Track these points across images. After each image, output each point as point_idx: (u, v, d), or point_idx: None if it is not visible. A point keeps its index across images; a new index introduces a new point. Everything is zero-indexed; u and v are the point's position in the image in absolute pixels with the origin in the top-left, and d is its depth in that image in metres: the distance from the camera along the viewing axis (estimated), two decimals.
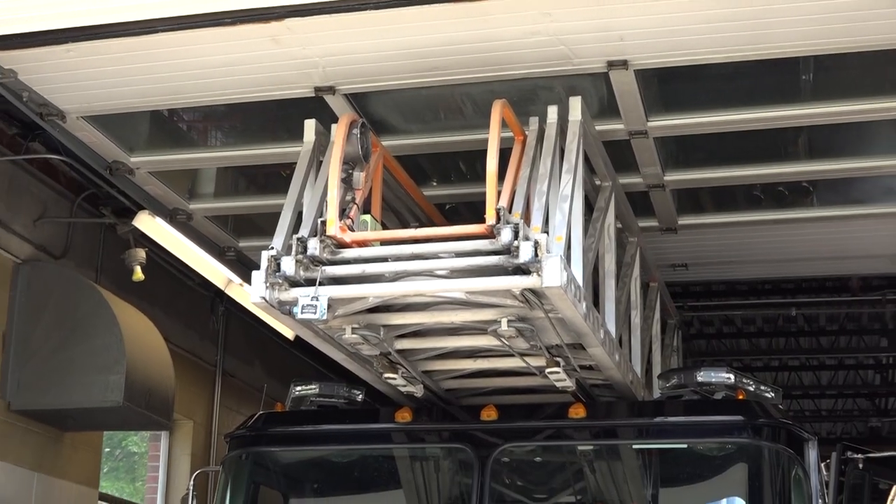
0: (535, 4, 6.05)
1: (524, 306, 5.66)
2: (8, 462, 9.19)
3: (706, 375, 6.88)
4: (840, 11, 6.12)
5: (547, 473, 6.95)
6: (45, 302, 9.26)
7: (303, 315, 5.56)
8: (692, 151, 8.03)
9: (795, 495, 6.46)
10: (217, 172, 8.87)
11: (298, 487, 7.39)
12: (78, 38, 6.37)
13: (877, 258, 9.95)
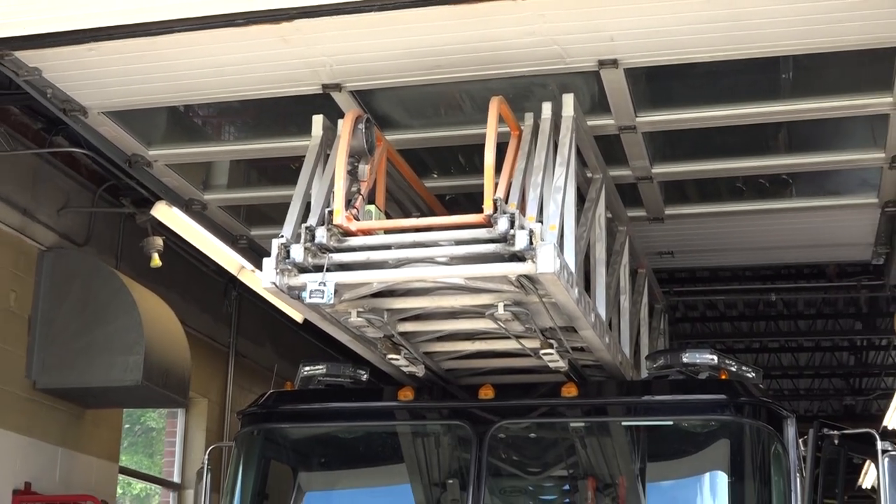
0: (530, 6, 6.04)
1: (520, 291, 5.66)
2: (34, 437, 9.21)
3: (691, 357, 6.90)
4: (817, 14, 6.12)
5: (541, 449, 6.95)
6: (69, 287, 9.28)
7: (311, 299, 5.56)
8: (678, 145, 8.02)
9: (774, 469, 6.47)
10: (230, 165, 8.87)
11: (307, 462, 7.40)
12: (98, 37, 6.36)
13: (852, 246, 9.95)
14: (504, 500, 6.70)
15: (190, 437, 12.26)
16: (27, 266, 9.21)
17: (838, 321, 14.59)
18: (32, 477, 9.12)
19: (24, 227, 9.14)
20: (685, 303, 13.10)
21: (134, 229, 9.94)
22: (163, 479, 12.72)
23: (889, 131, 7.52)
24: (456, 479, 6.71)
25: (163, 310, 9.69)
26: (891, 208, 8.83)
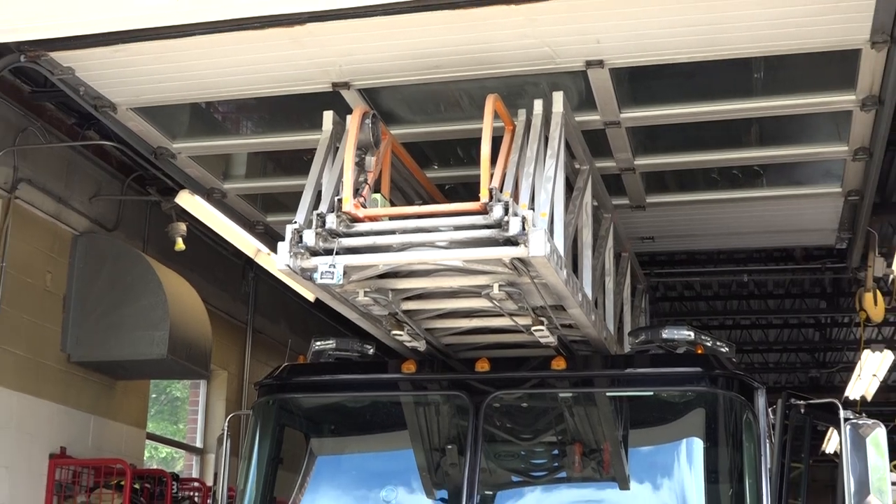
0: (523, 12, 6.03)
1: (513, 273, 5.66)
2: (69, 406, 9.24)
3: (670, 333, 6.89)
4: (786, 18, 6.12)
5: (532, 417, 6.96)
6: (100, 269, 9.31)
7: (322, 280, 5.56)
8: (659, 139, 8.02)
9: (746, 436, 6.48)
10: (248, 157, 8.86)
11: (318, 429, 7.41)
12: (126, 39, 6.35)
13: (817, 232, 9.95)
14: (498, 465, 6.71)
15: (211, 406, 12.31)
16: (62, 249, 9.22)
17: (804, 300, 14.62)
18: (67, 442, 9.15)
19: (59, 214, 9.15)
20: (664, 283, 13.11)
21: (159, 216, 9.95)
22: (186, 444, 12.77)
23: (852, 126, 7.52)
24: (454, 444, 6.72)
25: (186, 289, 9.71)
26: (853, 197, 8.83)
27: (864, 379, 14.86)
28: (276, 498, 7.03)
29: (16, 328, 8.57)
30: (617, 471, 6.64)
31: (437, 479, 6.76)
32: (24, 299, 8.69)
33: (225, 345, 11.76)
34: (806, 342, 16.91)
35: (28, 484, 8.69)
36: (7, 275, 8.47)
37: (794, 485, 6.75)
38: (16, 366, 8.59)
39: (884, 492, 6.08)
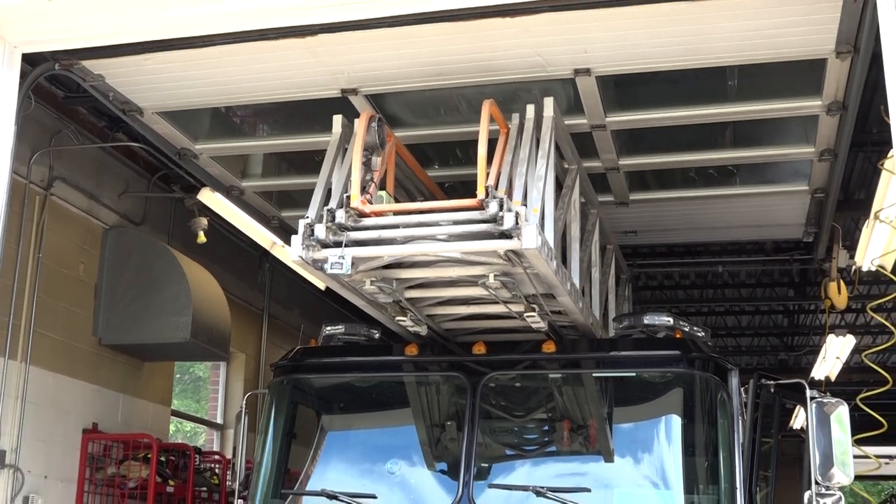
0: (517, 24, 6.03)
1: (507, 264, 5.66)
2: (100, 385, 9.25)
3: (651, 319, 6.89)
4: (759, 30, 6.13)
5: (525, 396, 6.96)
6: (128, 260, 9.30)
7: (332, 270, 5.56)
8: (641, 141, 8.02)
9: (720, 413, 6.48)
10: (264, 157, 8.87)
11: (328, 406, 7.41)
12: (152, 49, 6.34)
13: (786, 226, 9.96)
14: (494, 439, 6.72)
15: (230, 386, 12.31)
16: (93, 242, 9.22)
17: (774, 289, 14.61)
18: (98, 418, 9.15)
19: (90, 209, 9.14)
20: (646, 274, 13.11)
21: (183, 211, 9.95)
22: (208, 420, 12.78)
23: (818, 129, 7.53)
24: (453, 421, 6.72)
25: (207, 279, 9.71)
26: (819, 194, 8.83)
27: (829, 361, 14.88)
28: (289, 470, 7.03)
29: (51, 314, 8.57)
30: (602, 445, 6.64)
31: (437, 452, 6.77)
32: (58, 288, 8.70)
33: (243, 329, 11.77)
34: (775, 327, 16.91)
35: (63, 456, 8.70)
36: (43, 265, 8.47)
37: (765, 458, 6.75)
38: (51, 348, 8.60)
39: (846, 464, 6.09)
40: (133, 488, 8.99)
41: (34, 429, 8.29)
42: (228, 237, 10.74)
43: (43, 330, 8.46)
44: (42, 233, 8.48)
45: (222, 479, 10.33)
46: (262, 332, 12.48)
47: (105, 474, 8.97)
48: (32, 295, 8.36)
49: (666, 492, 6.25)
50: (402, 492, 6.54)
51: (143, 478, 8.99)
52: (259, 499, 6.80)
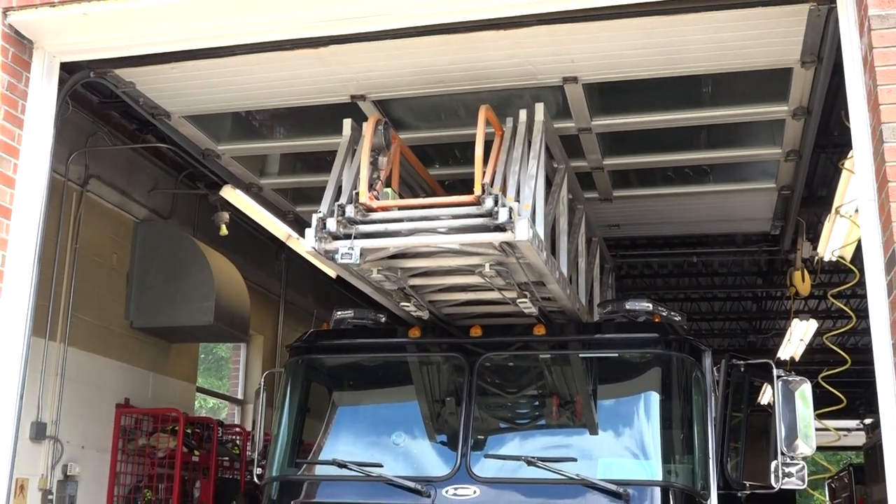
0: (510, 36, 6.02)
1: (501, 254, 5.66)
2: (131, 364, 9.26)
3: (632, 304, 6.90)
4: (730, 42, 6.12)
5: (517, 374, 6.97)
6: (157, 250, 9.31)
7: (342, 260, 5.56)
8: (623, 143, 8.01)
9: (695, 390, 6.49)
10: (280, 157, 8.86)
11: (339, 384, 7.42)
12: (179, 59, 6.33)
13: (755, 220, 9.96)
14: (489, 414, 6.72)
15: (250, 365, 12.32)
16: (125, 234, 9.22)
17: (744, 277, 14.61)
18: (130, 394, 9.17)
19: (122, 204, 9.14)
20: (628, 263, 13.10)
21: (207, 206, 9.95)
22: (229, 396, 12.80)
23: (785, 132, 7.52)
24: (452, 397, 6.73)
25: (229, 268, 9.71)
26: (785, 191, 8.83)
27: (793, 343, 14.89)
28: (303, 441, 7.04)
29: (87, 299, 8.58)
30: (587, 419, 6.65)
31: (437, 425, 6.78)
32: (93, 276, 8.70)
33: (261, 313, 11.77)
34: (745, 312, 16.91)
35: (99, 428, 8.72)
36: (80, 255, 8.47)
37: (735, 430, 6.77)
38: (87, 331, 8.60)
39: (809, 436, 6.10)
40: (162, 458, 9.02)
41: (72, 403, 8.31)
42: (248, 230, 10.74)
43: (80, 314, 8.47)
44: (79, 226, 8.48)
45: (243, 450, 10.35)
46: (278, 316, 12.49)
47: (136, 445, 8.99)
48: (70, 282, 8.37)
49: (645, 461, 6.26)
50: (406, 461, 6.54)
51: (171, 448, 9.01)
52: (276, 467, 6.81)
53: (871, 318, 4.71)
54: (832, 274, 12.87)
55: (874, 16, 4.73)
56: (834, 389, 7.94)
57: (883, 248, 4.66)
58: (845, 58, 5.06)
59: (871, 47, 4.71)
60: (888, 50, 4.67)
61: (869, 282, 4.75)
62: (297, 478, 6.73)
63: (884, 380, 4.62)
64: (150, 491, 8.93)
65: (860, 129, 4.91)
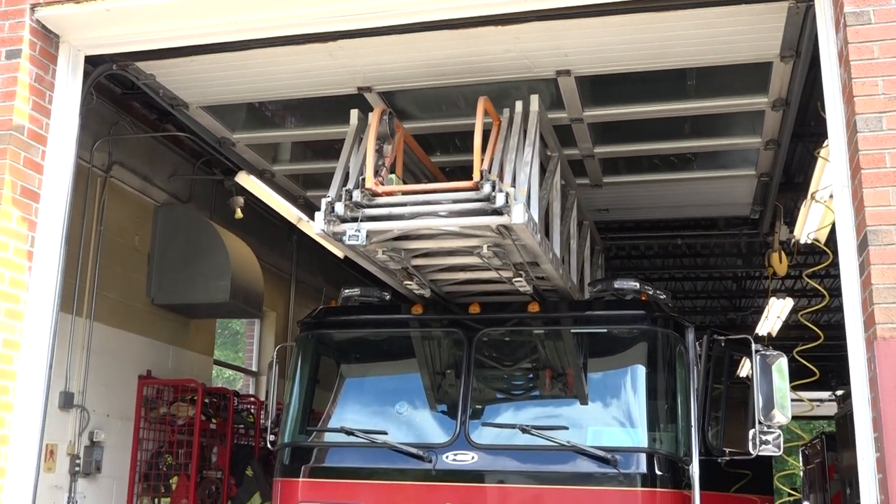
0: (508, 32, 6.00)
1: (498, 236, 5.65)
2: (153, 338, 9.28)
3: (620, 283, 6.90)
4: (714, 37, 6.09)
5: (513, 348, 6.98)
6: (176, 232, 9.30)
7: (349, 242, 5.56)
8: (613, 132, 7.99)
9: (678, 363, 6.50)
10: (291, 145, 8.84)
11: (346, 357, 7.43)
12: (196, 52, 6.31)
13: (736, 205, 9.95)
14: (486, 385, 6.74)
15: (263, 339, 12.34)
16: (146, 217, 9.21)
17: (725, 259, 14.59)
18: (152, 366, 9.19)
19: (144, 189, 9.13)
20: (616, 245, 13.07)
21: (223, 191, 9.93)
22: (244, 368, 12.83)
23: (764, 123, 7.50)
24: (452, 369, 6.74)
25: (243, 248, 9.71)
26: (764, 178, 8.81)
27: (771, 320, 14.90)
28: (313, 410, 7.06)
29: (111, 278, 8.58)
30: (578, 390, 6.67)
31: (438, 396, 6.79)
32: (117, 256, 8.70)
33: (274, 291, 11.78)
34: (726, 291, 16.90)
35: (123, 398, 8.75)
36: (104, 237, 8.47)
37: (715, 401, 6.78)
38: (112, 307, 8.61)
39: (785, 406, 6.12)
40: (181, 425, 9.04)
41: (97, 375, 8.32)
42: (261, 213, 10.73)
43: (104, 291, 8.48)
44: (103, 209, 8.47)
45: (257, 418, 10.38)
46: (290, 294, 12.50)
47: (158, 413, 9.02)
48: (95, 262, 8.36)
49: (631, 429, 6.28)
50: (409, 429, 6.56)
51: (190, 416, 9.03)
52: (288, 434, 6.83)
53: (843, 296, 4.71)
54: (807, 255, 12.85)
55: (849, 13, 4.71)
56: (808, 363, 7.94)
57: (855, 232, 4.66)
58: (822, 52, 5.05)
59: (846, 42, 4.69)
60: (862, 45, 4.65)
61: (842, 263, 4.75)
62: (308, 444, 6.76)
63: (855, 354, 4.63)
64: (170, 456, 8.96)
65: (835, 120, 4.90)
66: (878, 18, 4.67)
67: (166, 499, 8.83)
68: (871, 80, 4.59)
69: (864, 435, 4.50)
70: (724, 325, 17.44)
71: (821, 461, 18.68)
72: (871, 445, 4.45)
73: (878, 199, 4.45)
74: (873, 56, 4.63)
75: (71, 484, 7.99)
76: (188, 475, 8.89)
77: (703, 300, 17.63)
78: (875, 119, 4.55)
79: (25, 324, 5.59)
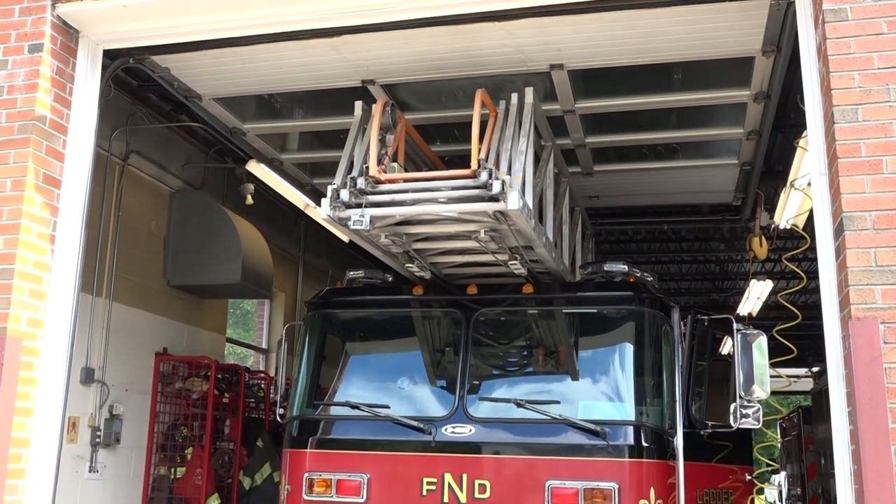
0: (504, 28, 5.98)
1: (495, 221, 5.65)
2: (168, 317, 9.29)
3: (610, 266, 6.90)
4: (699, 33, 6.08)
5: (508, 328, 6.99)
6: (190, 217, 9.30)
7: (354, 226, 5.56)
8: (603, 123, 7.97)
9: (664, 341, 6.52)
10: (299, 135, 8.81)
11: (351, 335, 7.44)
12: (209, 47, 6.28)
13: (719, 192, 9.94)
14: (483, 362, 6.75)
15: (273, 318, 12.35)
16: (162, 203, 9.20)
17: (709, 243, 14.59)
18: (168, 343, 9.20)
19: (160, 177, 9.11)
20: (606, 230, 13.07)
21: (234, 178, 9.91)
22: (255, 345, 12.84)
23: (746, 114, 7.49)
24: (451, 347, 6.76)
25: (254, 233, 9.70)
26: (746, 167, 8.81)
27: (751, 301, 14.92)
28: (320, 385, 7.08)
29: (129, 261, 8.58)
30: (569, 367, 6.69)
31: (438, 371, 6.81)
32: (134, 240, 8.69)
33: (282, 273, 11.79)
34: (709, 274, 16.91)
35: (141, 373, 8.76)
36: (122, 221, 8.46)
37: (699, 377, 6.80)
38: (130, 288, 8.61)
39: (764, 382, 6.14)
40: (196, 399, 9.07)
41: (116, 352, 8.33)
42: (271, 200, 10.72)
43: (123, 273, 8.48)
44: (121, 195, 8.46)
45: (267, 393, 10.41)
46: (298, 276, 12.51)
47: (173, 388, 9.04)
48: (114, 245, 8.36)
49: (620, 404, 6.30)
50: (410, 403, 6.59)
51: (204, 391, 9.06)
52: (296, 408, 6.85)
53: (820, 278, 4.72)
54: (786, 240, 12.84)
55: (828, 10, 4.70)
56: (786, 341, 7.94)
57: (832, 217, 4.66)
58: (802, 47, 5.03)
59: (824, 38, 4.68)
60: (840, 40, 4.64)
61: (819, 247, 4.75)
62: (315, 417, 6.78)
63: (830, 333, 4.64)
64: (185, 428, 8.99)
65: (814, 112, 4.89)
66: (854, 15, 4.66)
67: (182, 468, 8.86)
68: (847, 74, 4.58)
69: (839, 409, 4.52)
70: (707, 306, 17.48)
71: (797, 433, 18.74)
72: (845, 419, 4.47)
73: (854, 187, 4.45)
74: (850, 51, 4.62)
75: (92, 454, 8.02)
76: (202, 446, 8.92)
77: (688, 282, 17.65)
78: (851, 111, 4.54)
79: (48, 303, 5.60)
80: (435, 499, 6.04)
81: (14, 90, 5.64)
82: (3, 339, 5.24)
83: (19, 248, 5.38)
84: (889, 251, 4.35)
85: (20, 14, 5.78)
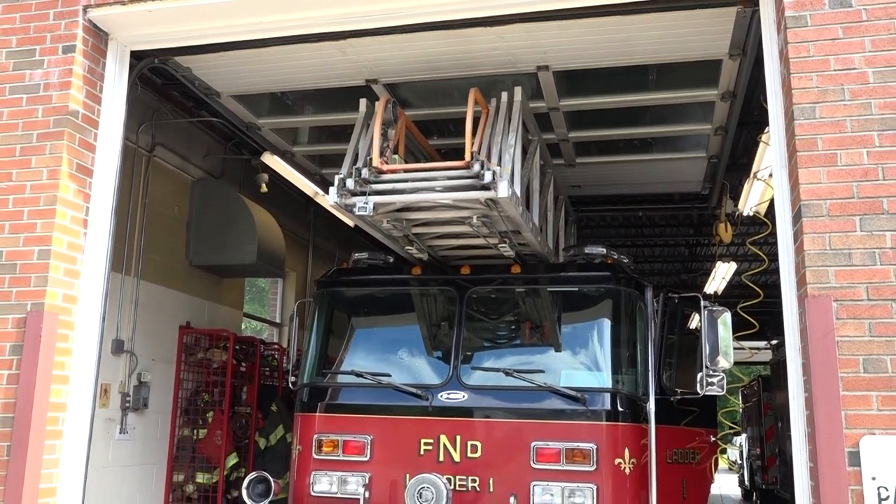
0: (494, 32, 5.96)
1: (486, 208, 5.64)
2: (191, 294, 9.28)
3: (590, 249, 6.90)
4: (671, 38, 6.06)
5: (498, 304, 6.99)
6: (210, 204, 9.28)
7: (359, 212, 5.54)
8: (585, 119, 7.95)
9: (639, 318, 6.53)
10: (309, 129, 8.79)
11: (356, 311, 7.44)
12: (226, 49, 6.25)
13: (689, 182, 9.94)
14: (475, 335, 6.76)
15: (286, 295, 12.35)
16: (184, 190, 9.17)
17: (679, 228, 14.59)
18: (190, 318, 9.20)
19: (182, 167, 9.08)
20: (587, 217, 13.05)
21: (250, 168, 9.88)
22: (269, 320, 12.84)
23: (714, 112, 7.48)
24: (446, 322, 6.77)
25: (268, 218, 9.69)
26: (713, 160, 8.80)
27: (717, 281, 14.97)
28: (328, 356, 7.09)
29: (155, 243, 8.57)
30: (553, 339, 6.70)
31: (434, 344, 6.82)
32: (159, 224, 8.67)
33: (294, 255, 11.77)
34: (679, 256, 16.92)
35: (166, 345, 8.76)
36: (148, 208, 8.44)
37: (669, 349, 6.82)
38: (156, 268, 8.60)
39: (728, 354, 6.16)
40: (216, 368, 9.08)
41: (144, 325, 8.33)
42: (283, 188, 10.69)
43: (149, 254, 8.46)
44: (147, 184, 8.43)
45: (280, 362, 10.43)
46: (308, 257, 12.49)
47: (196, 358, 9.04)
48: (141, 229, 8.34)
49: (598, 373, 6.32)
50: (409, 372, 6.60)
51: (223, 361, 9.07)
52: (306, 376, 6.86)
53: (780, 260, 4.73)
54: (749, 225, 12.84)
55: (789, 16, 4.69)
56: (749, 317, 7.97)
57: (791, 205, 4.67)
58: (765, 51, 5.02)
59: (786, 42, 4.67)
60: (800, 45, 4.63)
61: (779, 232, 4.76)
62: (323, 385, 6.79)
63: (789, 309, 4.66)
64: (206, 394, 9.00)
65: (775, 110, 4.89)
66: (813, 22, 4.65)
67: (203, 430, 8.88)
68: (806, 75, 4.58)
69: (795, 378, 4.54)
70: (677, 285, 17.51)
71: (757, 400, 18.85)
72: (801, 387, 4.49)
73: (811, 178, 4.46)
74: (809, 54, 4.61)
75: (122, 417, 8.03)
76: (222, 410, 8.94)
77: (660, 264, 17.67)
78: (809, 109, 4.54)
79: (82, 281, 5.60)
80: (431, 458, 6.07)
81: (49, 87, 5.62)
82: (42, 313, 5.25)
83: (55, 231, 5.38)
84: (842, 236, 4.36)
85: (54, 18, 5.75)
